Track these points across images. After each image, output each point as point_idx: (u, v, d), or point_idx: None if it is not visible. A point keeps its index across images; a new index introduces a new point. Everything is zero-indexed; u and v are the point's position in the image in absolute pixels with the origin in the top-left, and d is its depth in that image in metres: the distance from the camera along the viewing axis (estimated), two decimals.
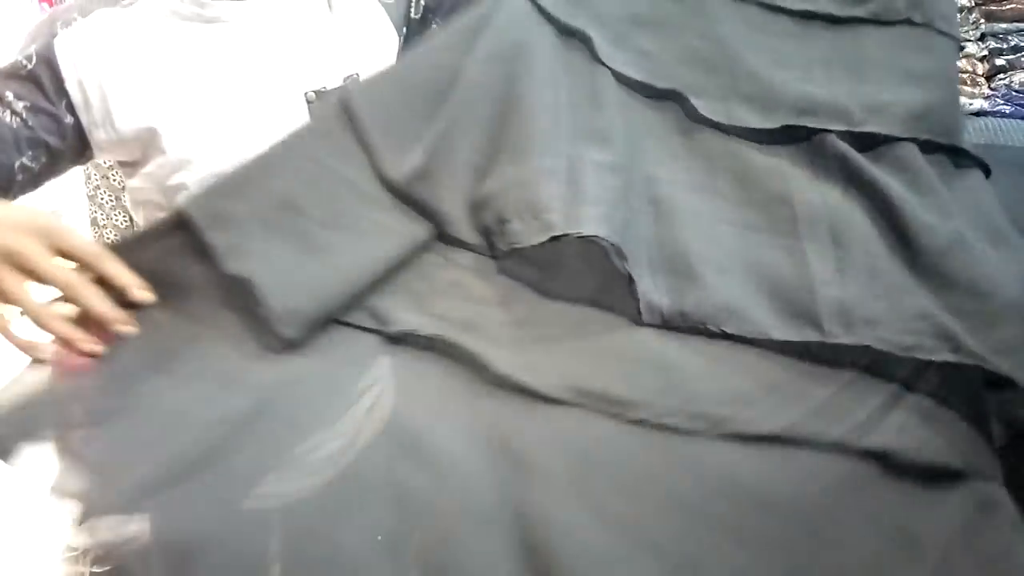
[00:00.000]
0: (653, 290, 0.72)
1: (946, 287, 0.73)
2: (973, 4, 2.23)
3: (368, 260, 0.74)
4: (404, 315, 0.73)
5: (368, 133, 0.76)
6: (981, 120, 1.38)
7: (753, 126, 0.82)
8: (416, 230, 0.75)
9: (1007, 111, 2.15)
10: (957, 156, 0.85)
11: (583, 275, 0.75)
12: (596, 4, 0.85)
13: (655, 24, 0.86)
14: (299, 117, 0.92)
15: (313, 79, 0.97)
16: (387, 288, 0.74)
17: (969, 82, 2.23)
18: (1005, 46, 2.20)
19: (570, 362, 0.72)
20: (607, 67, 0.82)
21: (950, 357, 0.69)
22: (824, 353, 0.72)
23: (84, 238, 0.70)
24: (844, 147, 0.80)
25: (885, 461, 0.68)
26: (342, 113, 0.78)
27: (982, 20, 2.22)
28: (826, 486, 0.68)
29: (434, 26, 1.12)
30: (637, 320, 0.73)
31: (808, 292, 0.73)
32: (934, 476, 0.69)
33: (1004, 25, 2.20)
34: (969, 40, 2.22)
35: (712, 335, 0.72)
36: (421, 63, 0.83)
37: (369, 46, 1.03)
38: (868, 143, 0.81)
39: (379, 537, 0.64)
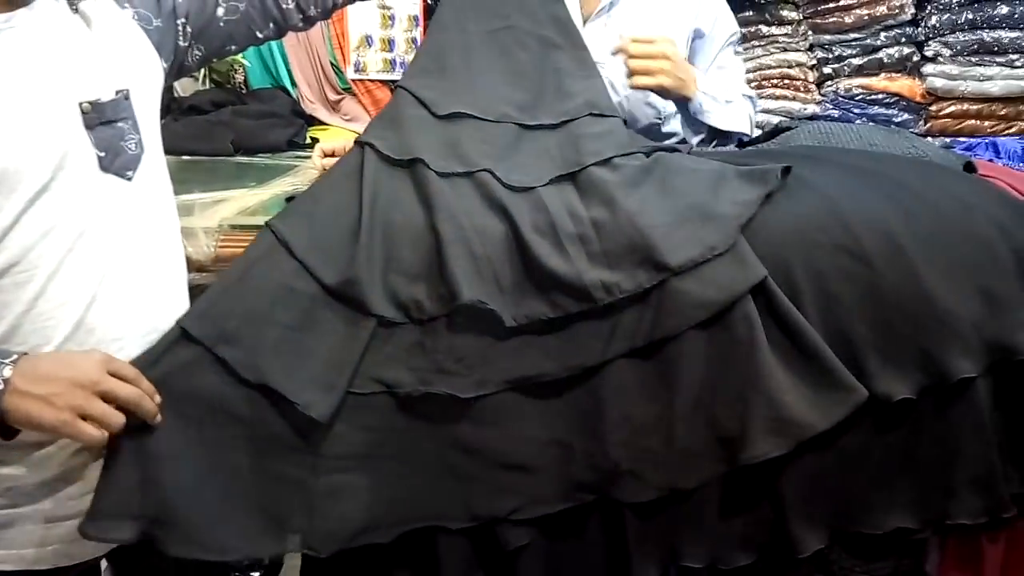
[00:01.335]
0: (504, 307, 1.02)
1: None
2: (802, 17, 2.39)
3: (338, 347, 1.01)
4: (398, 376, 1.02)
5: (305, 255, 1.03)
6: (813, 124, 1.50)
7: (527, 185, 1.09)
8: (358, 317, 1.02)
9: (835, 115, 2.34)
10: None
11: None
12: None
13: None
14: (74, 126, 0.98)
15: (86, 91, 1.00)
16: (380, 358, 1.02)
17: (802, 89, 2.40)
18: (831, 55, 2.38)
19: None
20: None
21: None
22: None
23: (126, 363, 0.96)
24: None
25: None
26: (278, 244, 1.04)
27: (810, 32, 2.40)
28: None
29: (197, 52, 1.22)
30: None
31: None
32: None
33: (828, 36, 2.38)
34: (799, 51, 2.40)
35: None
36: (324, 200, 1.10)
37: (135, 65, 1.09)
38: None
39: None
